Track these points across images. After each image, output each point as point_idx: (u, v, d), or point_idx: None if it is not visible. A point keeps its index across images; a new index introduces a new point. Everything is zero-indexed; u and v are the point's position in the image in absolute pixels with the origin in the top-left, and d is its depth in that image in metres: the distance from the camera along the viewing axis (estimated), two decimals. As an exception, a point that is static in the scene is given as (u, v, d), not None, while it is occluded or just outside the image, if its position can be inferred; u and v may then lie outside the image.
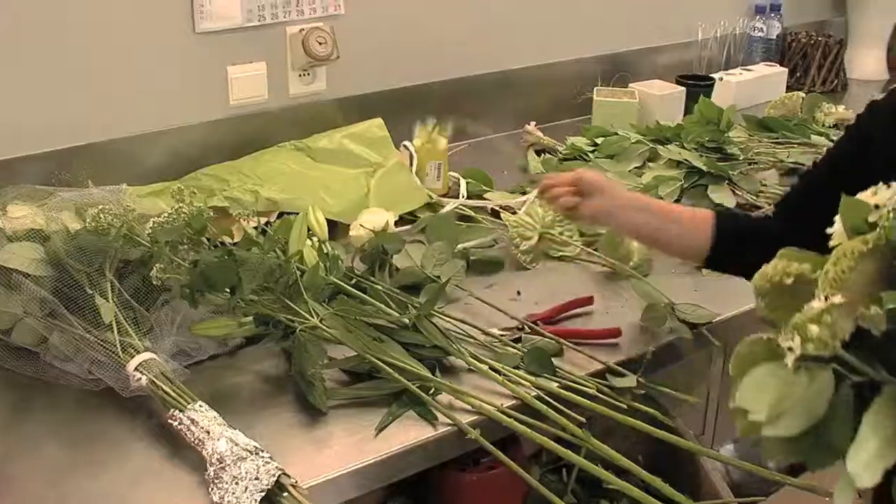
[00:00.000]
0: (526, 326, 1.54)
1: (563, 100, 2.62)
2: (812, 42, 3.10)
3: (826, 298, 0.82)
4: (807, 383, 0.81)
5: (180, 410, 1.27)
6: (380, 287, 1.54)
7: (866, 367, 0.81)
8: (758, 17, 3.06)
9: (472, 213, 1.97)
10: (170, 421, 1.27)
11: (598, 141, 2.20)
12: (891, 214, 0.85)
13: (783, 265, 0.90)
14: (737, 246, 1.46)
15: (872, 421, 0.77)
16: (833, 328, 0.81)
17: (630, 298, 1.68)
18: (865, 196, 0.89)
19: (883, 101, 1.49)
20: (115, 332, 1.39)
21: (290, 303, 1.42)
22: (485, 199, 2.03)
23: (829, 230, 0.91)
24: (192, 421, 1.25)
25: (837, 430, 0.79)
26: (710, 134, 2.16)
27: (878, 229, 0.85)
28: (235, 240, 1.53)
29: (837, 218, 0.90)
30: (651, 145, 2.13)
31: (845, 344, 0.81)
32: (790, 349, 0.82)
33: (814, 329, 0.81)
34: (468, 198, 2.03)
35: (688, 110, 2.50)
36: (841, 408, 0.79)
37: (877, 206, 0.88)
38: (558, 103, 2.61)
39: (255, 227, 1.57)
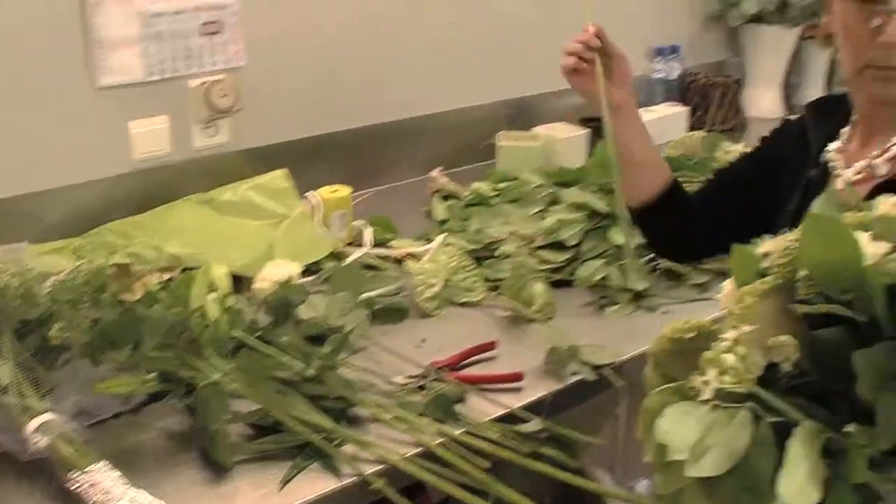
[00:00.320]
0: (430, 373, 1.56)
1: (469, 145, 2.64)
2: (711, 82, 3.18)
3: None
4: (726, 421, 0.82)
5: (81, 472, 1.26)
6: (284, 339, 1.54)
7: (781, 404, 0.83)
8: (658, 58, 3.13)
9: (378, 262, 1.98)
10: (69, 483, 1.26)
11: (502, 186, 2.22)
12: (787, 255, 0.88)
13: (681, 323, 0.92)
14: (674, 204, 1.70)
15: (795, 455, 0.79)
16: (746, 360, 0.83)
17: (533, 342, 1.70)
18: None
19: (792, 123, 1.66)
20: (14, 394, 1.37)
21: (192, 358, 1.42)
22: (390, 247, 2.04)
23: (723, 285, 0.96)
24: (93, 482, 1.24)
25: (762, 466, 0.80)
26: (611, 175, 2.19)
27: (776, 268, 0.88)
28: (137, 296, 1.52)
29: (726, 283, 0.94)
30: (553, 189, 2.16)
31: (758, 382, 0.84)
32: (706, 383, 0.84)
33: (729, 358, 0.83)
34: (374, 246, 2.04)
35: (594, 152, 2.55)
36: (763, 445, 0.81)
37: (765, 255, 0.91)
38: (465, 148, 2.64)
39: (158, 283, 1.56)
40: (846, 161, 1.51)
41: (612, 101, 1.63)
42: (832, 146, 1.55)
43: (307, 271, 1.91)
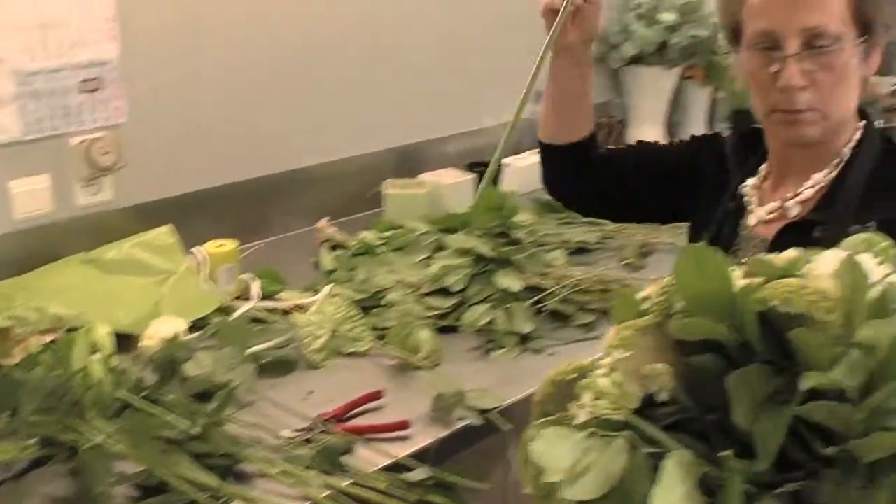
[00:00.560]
0: (317, 426, 1.56)
1: (357, 194, 2.65)
2: (595, 123, 3.23)
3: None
4: (602, 447, 0.84)
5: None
6: (170, 397, 1.54)
7: (658, 434, 0.85)
8: (541, 102, 3.17)
9: (265, 315, 1.98)
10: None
11: (388, 234, 2.24)
12: (665, 293, 0.91)
13: (564, 366, 0.95)
14: (586, 155, 1.79)
15: (669, 478, 0.81)
16: (621, 387, 0.86)
17: (420, 389, 1.71)
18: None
19: (719, 140, 1.73)
20: None
21: (74, 421, 1.40)
22: (278, 299, 2.04)
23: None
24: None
25: (639, 492, 0.81)
26: (496, 220, 2.23)
27: (655, 306, 0.92)
28: (16, 360, 1.50)
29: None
30: (438, 235, 2.18)
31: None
32: (581, 406, 0.87)
33: (604, 382, 0.86)
34: (262, 299, 2.04)
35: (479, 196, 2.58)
36: (640, 471, 0.82)
37: (645, 298, 0.94)
38: (353, 198, 2.65)
39: (40, 346, 1.55)
40: (760, 199, 1.57)
41: (562, 40, 1.71)
42: (750, 182, 1.60)
43: (194, 327, 1.90)
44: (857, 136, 1.53)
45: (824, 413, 0.80)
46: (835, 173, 1.51)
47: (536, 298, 1.99)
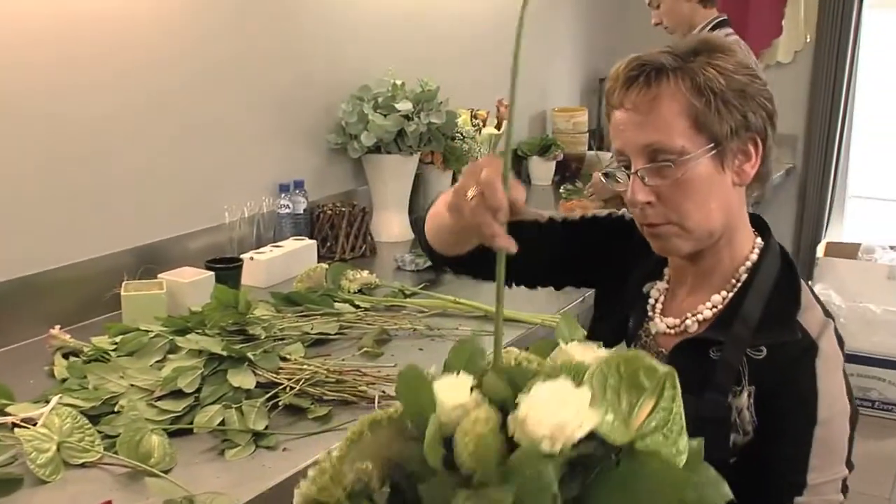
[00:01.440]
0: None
1: (93, 298, 2.61)
2: (338, 212, 3.30)
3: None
4: None
5: None
6: None
7: None
8: (283, 194, 3.22)
9: (-10, 431, 1.92)
10: None
11: (120, 339, 2.21)
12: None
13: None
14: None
15: None
16: (337, 475, 0.93)
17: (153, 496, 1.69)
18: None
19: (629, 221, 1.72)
20: None
21: None
22: (6, 413, 1.98)
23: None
24: None
25: None
26: (232, 317, 2.24)
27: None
28: None
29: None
30: (171, 337, 2.17)
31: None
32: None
33: (318, 469, 0.94)
34: (-13, 414, 1.97)
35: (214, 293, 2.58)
36: None
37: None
38: (89, 302, 2.61)
39: None
40: (665, 309, 1.65)
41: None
42: (659, 286, 1.67)
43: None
44: (755, 255, 1.59)
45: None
46: (731, 294, 1.57)
47: (271, 394, 2.00)
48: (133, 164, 2.76)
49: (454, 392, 0.96)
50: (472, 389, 0.97)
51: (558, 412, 0.92)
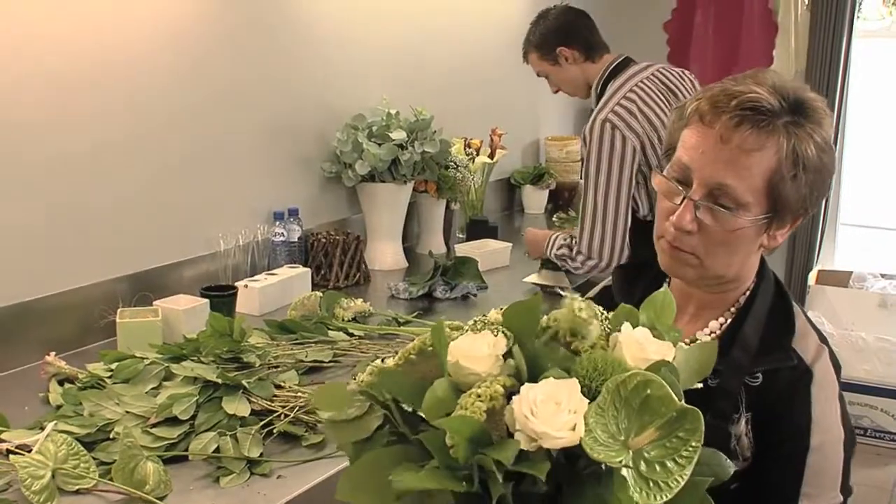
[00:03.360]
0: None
1: (88, 325, 2.62)
2: (332, 240, 3.32)
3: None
4: None
5: None
6: None
7: None
8: (277, 222, 3.24)
9: (-16, 459, 1.92)
10: None
11: (115, 366, 2.22)
12: None
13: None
14: None
15: None
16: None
17: (146, 523, 1.70)
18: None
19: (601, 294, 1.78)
20: None
21: None
22: (1, 439, 1.98)
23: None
24: None
25: None
26: (226, 345, 2.25)
27: None
28: None
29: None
30: (166, 364, 2.18)
31: None
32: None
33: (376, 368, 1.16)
34: (-17, 441, 1.98)
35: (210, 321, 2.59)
36: None
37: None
38: (84, 328, 2.62)
39: None
40: None
41: None
42: None
43: None
44: (751, 285, 1.60)
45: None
46: (730, 321, 1.58)
47: (265, 421, 2.01)
48: (128, 192, 2.77)
49: (475, 357, 1.05)
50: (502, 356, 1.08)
51: (548, 418, 0.96)
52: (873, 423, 4.86)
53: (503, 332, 1.11)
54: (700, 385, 1.16)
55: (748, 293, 1.60)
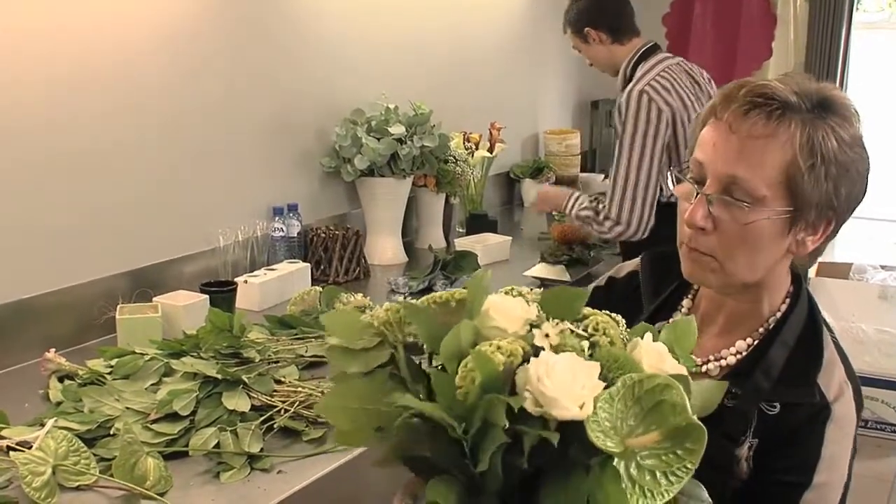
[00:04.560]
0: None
1: (88, 321, 2.62)
2: (331, 235, 3.32)
3: None
4: None
5: None
6: None
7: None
8: (276, 218, 3.24)
9: (-14, 455, 1.92)
10: None
11: (115, 362, 2.22)
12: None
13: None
14: None
15: None
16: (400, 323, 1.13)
17: (147, 519, 1.71)
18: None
19: (623, 281, 1.75)
20: None
21: None
22: (1, 436, 1.99)
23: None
24: None
25: None
26: (226, 340, 2.25)
27: None
28: None
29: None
30: (166, 360, 2.18)
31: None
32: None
33: (391, 308, 1.14)
34: (-17, 438, 1.98)
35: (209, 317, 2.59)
36: None
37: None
38: (84, 325, 2.62)
39: None
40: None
41: None
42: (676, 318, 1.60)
43: None
44: (785, 305, 1.53)
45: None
46: (757, 343, 1.51)
47: (266, 416, 2.01)
48: (127, 189, 2.77)
49: (507, 313, 1.07)
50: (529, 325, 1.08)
51: (562, 386, 0.96)
52: (874, 414, 4.85)
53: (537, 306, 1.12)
54: None
55: (780, 314, 1.53)
